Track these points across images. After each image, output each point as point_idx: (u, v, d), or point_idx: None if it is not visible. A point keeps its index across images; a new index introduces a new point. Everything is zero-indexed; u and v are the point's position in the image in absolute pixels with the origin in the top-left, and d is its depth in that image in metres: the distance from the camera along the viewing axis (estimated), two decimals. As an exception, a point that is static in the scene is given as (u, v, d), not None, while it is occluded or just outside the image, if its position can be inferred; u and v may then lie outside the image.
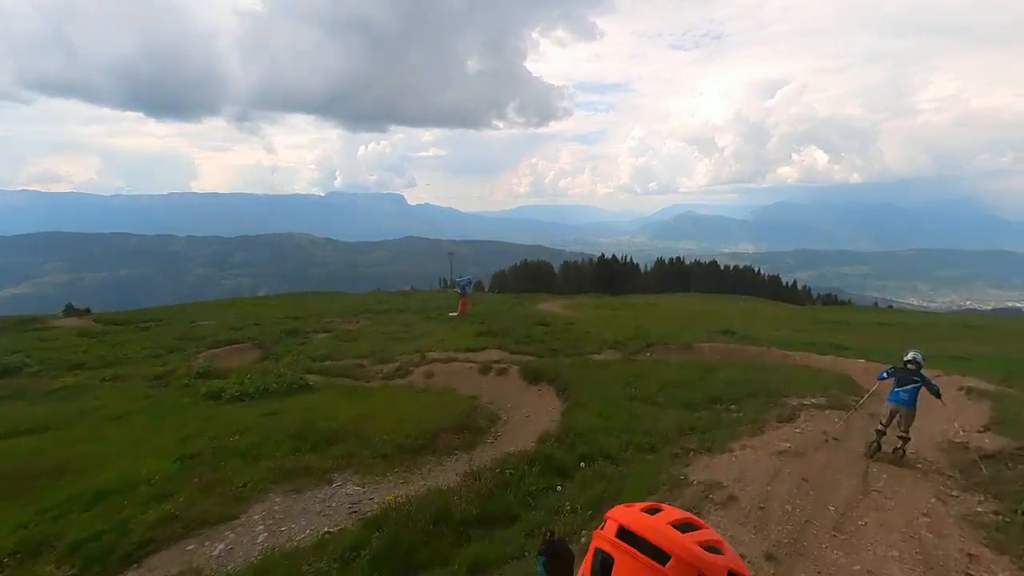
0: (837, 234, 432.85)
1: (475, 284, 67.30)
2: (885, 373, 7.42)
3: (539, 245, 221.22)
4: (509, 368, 13.11)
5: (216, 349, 18.45)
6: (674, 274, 74.85)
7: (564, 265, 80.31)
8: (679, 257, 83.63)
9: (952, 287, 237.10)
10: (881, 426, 7.05)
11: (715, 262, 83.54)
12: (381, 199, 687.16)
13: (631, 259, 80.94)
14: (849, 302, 71.13)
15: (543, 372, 12.20)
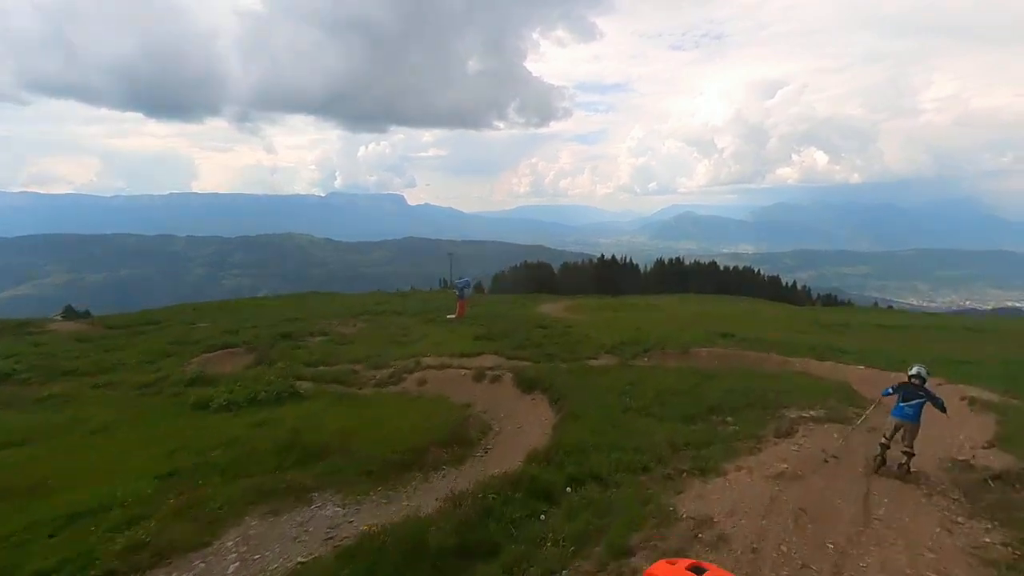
0: (837, 234, 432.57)
1: (474, 286, 67.13)
2: (890, 389, 7.35)
3: (539, 245, 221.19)
4: (503, 375, 12.92)
5: (210, 354, 18.15)
6: (674, 274, 74.67)
7: (564, 266, 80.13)
8: (679, 257, 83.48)
9: (952, 287, 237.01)
10: (885, 440, 7.01)
11: (715, 262, 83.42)
12: (381, 199, 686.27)
13: (631, 259, 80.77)
14: (849, 302, 70.98)
15: (537, 380, 12.01)
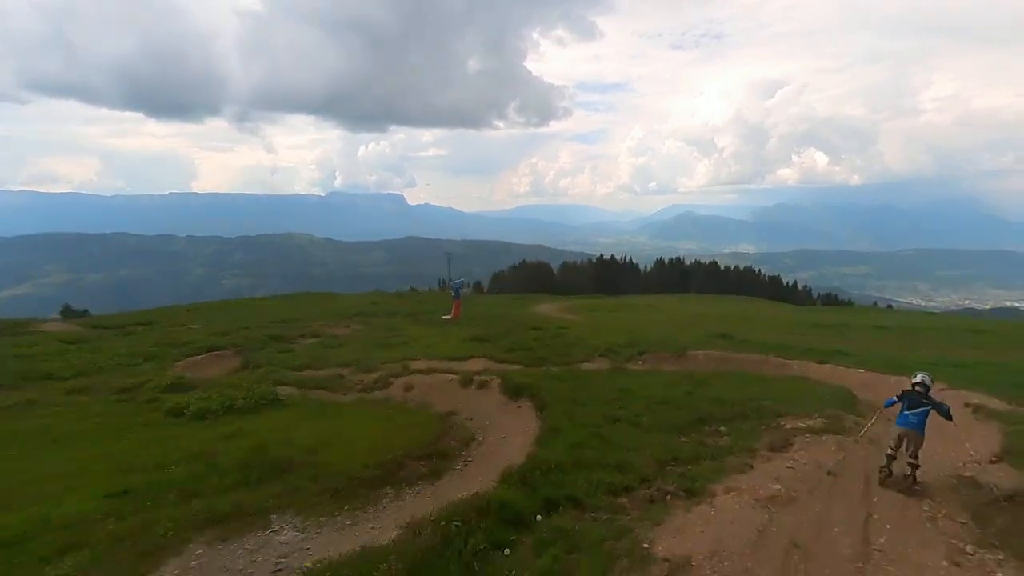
0: (837, 234, 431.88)
1: (472, 285, 66.68)
2: (894, 398, 7.14)
3: (539, 245, 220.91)
4: (491, 381, 12.49)
5: (197, 356, 17.71)
6: (674, 274, 74.33)
7: (563, 265, 79.76)
8: (679, 257, 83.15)
9: (952, 287, 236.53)
10: (891, 450, 6.86)
11: (715, 262, 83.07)
12: (381, 199, 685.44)
13: (631, 259, 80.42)
14: (849, 302, 70.55)
15: (525, 387, 11.56)
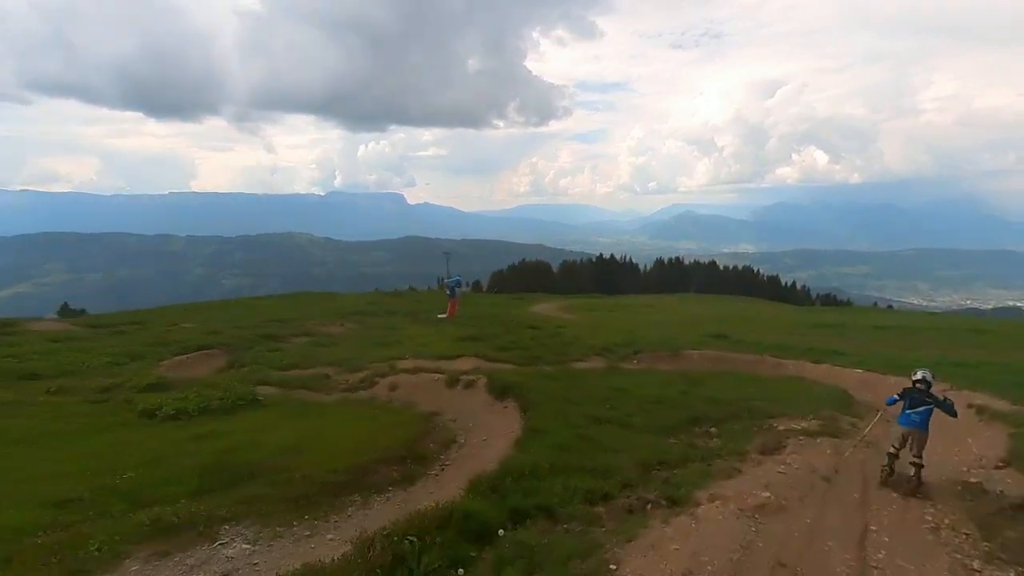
0: (837, 234, 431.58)
1: (472, 285, 66.69)
2: (895, 396, 6.99)
3: (539, 244, 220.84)
4: (477, 381, 12.16)
5: (184, 355, 17.37)
6: (673, 274, 74.53)
7: (563, 265, 79.88)
8: (678, 257, 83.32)
9: (952, 287, 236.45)
10: (894, 449, 6.77)
11: (714, 262, 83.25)
12: (381, 199, 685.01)
13: (630, 259, 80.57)
14: (849, 302, 70.64)
15: (512, 386, 11.21)
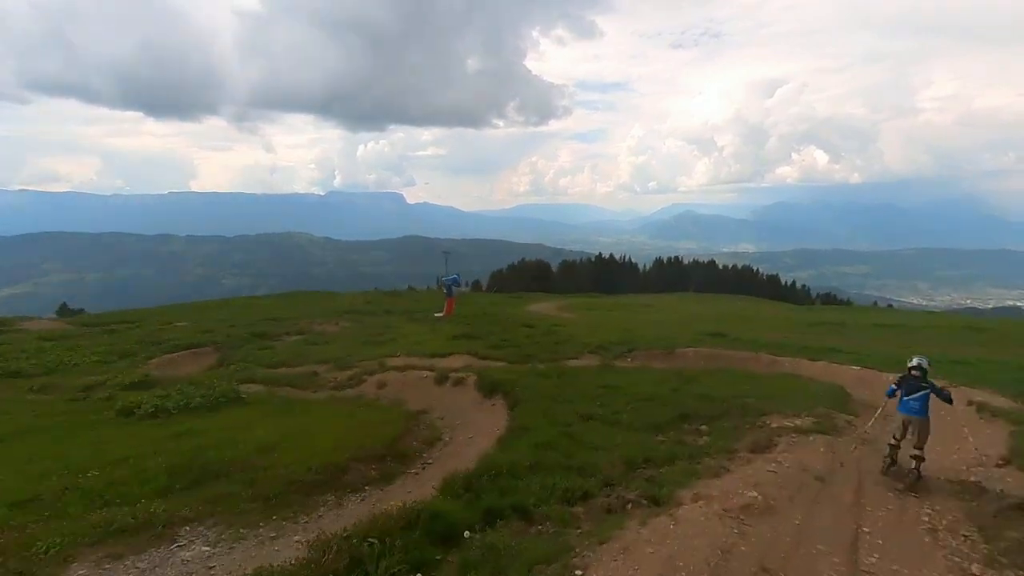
0: (837, 234, 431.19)
1: (471, 284, 66.62)
2: (893, 387, 6.84)
3: (539, 244, 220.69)
4: (466, 378, 12.05)
5: (174, 354, 17.39)
6: (673, 274, 74.45)
7: (562, 264, 79.76)
8: (678, 257, 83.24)
9: (952, 286, 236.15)
10: (895, 440, 6.68)
11: (714, 262, 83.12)
12: (380, 198, 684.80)
13: (630, 258, 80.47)
14: (849, 301, 70.48)
15: (500, 384, 11.07)
